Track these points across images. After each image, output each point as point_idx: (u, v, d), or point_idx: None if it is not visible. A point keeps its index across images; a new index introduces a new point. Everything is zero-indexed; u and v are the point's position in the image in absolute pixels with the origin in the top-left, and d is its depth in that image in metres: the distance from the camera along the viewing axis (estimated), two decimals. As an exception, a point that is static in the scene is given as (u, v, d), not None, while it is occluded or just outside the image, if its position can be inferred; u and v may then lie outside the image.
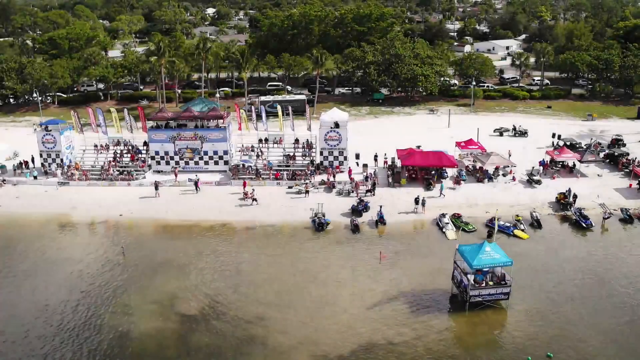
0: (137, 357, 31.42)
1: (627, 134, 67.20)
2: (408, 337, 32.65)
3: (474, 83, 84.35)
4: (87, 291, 37.76)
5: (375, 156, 59.70)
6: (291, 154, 58.83)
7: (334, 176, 55.33)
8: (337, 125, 57.05)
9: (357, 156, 59.04)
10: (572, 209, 48.19)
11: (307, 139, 59.89)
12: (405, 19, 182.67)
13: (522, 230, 45.57)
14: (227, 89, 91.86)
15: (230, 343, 32.30)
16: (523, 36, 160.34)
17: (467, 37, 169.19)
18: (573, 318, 34.21)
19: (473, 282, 34.63)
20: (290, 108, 61.92)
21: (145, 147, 60.28)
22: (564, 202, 49.58)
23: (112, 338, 32.84)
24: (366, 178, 54.28)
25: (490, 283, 35.24)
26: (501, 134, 69.66)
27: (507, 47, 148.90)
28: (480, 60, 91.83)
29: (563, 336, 32.46)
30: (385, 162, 59.22)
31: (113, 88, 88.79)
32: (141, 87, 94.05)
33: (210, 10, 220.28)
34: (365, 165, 57.54)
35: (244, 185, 53.73)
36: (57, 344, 32.36)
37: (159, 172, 58.21)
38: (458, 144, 60.96)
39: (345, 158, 57.71)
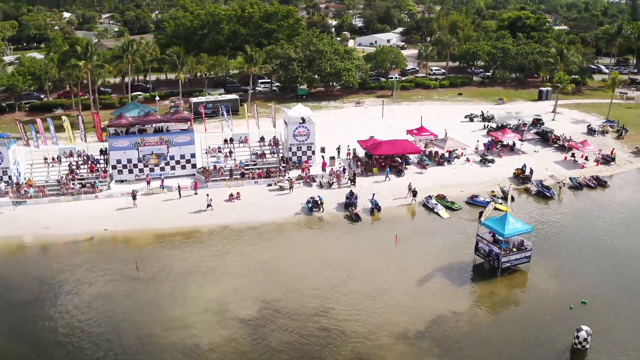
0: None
1: (538, 113, 76.55)
2: (466, 305, 35.87)
3: (396, 75, 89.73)
4: (122, 312, 35.38)
5: (338, 148, 61.79)
6: (260, 152, 58.81)
7: (308, 170, 56.51)
8: (303, 120, 58.24)
9: (323, 150, 60.65)
10: (533, 181, 54.56)
11: (274, 136, 60.27)
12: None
13: (501, 203, 50.77)
14: (143, 92, 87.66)
15: (309, 338, 32.70)
16: (400, 29, 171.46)
17: (345, 32, 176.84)
18: (584, 270, 39.91)
19: (502, 251, 38.66)
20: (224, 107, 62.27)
21: (102, 156, 56.42)
22: (522, 176, 55.91)
23: (183, 355, 31.42)
24: (343, 170, 56.27)
25: (514, 250, 39.56)
26: (471, 120, 75.46)
27: (388, 40, 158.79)
28: (393, 53, 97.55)
29: (586, 284, 37.98)
30: (348, 154, 61.64)
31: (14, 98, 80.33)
32: (42, 96, 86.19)
33: (66, 15, 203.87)
34: (332, 158, 59.43)
35: (195, 186, 52.83)
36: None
37: (121, 181, 54.92)
38: (410, 132, 65.24)
39: (314, 152, 59.10)
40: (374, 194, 50.49)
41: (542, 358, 31.36)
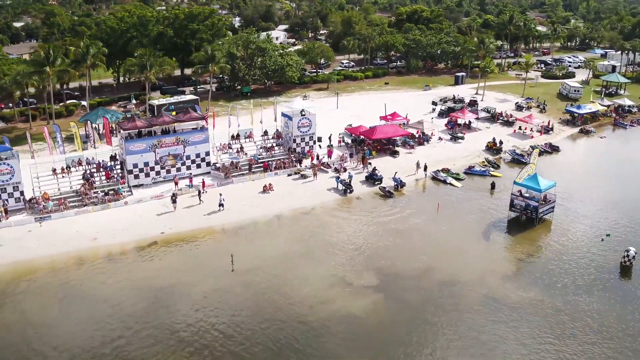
0: (393, 327, 34.54)
1: (472, 95, 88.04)
2: (529, 249, 44.22)
3: (337, 69, 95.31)
4: (253, 301, 36.88)
5: (330, 137, 66.39)
6: (269, 145, 61.44)
7: (318, 158, 60.61)
8: (302, 112, 62.05)
9: (320, 139, 64.89)
10: (506, 151, 64.51)
11: (277, 129, 63.18)
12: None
13: (493, 170, 59.82)
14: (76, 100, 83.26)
15: (436, 292, 37.83)
16: (283, 27, 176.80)
17: (228, 32, 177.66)
18: (597, 213, 50.17)
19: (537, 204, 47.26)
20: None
21: (114, 162, 54.99)
22: (495, 148, 65.62)
23: (343, 325, 34.18)
24: (351, 155, 61.37)
25: (543, 202, 48.34)
26: (445, 103, 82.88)
27: (277, 38, 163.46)
28: (322, 48, 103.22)
29: (603, 222, 48.24)
30: (340, 141, 66.66)
31: None
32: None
33: None
34: (330, 146, 64.04)
35: (203, 184, 54.02)
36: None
37: (139, 186, 54.22)
38: (384, 118, 71.99)
39: (315, 142, 63.17)
40: (396, 172, 56.37)
41: (599, 277, 40.00)
